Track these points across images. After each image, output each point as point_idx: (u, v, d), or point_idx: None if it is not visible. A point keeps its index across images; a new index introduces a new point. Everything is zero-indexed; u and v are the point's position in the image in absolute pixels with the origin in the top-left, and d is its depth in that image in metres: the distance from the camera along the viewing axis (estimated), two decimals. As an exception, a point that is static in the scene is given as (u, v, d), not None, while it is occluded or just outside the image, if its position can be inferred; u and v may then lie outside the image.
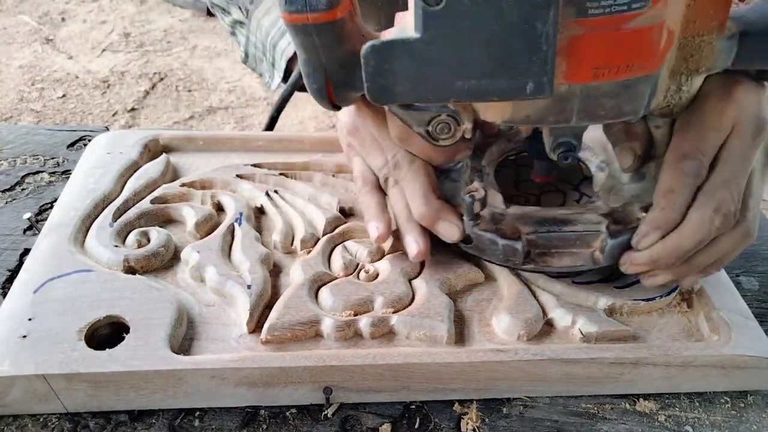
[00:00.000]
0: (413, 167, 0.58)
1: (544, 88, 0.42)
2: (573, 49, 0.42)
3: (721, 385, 0.55)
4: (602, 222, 0.55)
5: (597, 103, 0.45)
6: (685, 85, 0.49)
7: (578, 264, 0.55)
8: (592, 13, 0.40)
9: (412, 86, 0.44)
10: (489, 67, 0.41)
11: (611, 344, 0.53)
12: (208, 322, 0.53)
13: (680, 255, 0.51)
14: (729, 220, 0.50)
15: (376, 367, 0.50)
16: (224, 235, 0.60)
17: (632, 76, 0.44)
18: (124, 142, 0.71)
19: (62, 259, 0.56)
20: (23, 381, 0.47)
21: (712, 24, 0.45)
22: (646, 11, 0.40)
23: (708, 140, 0.51)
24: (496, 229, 0.55)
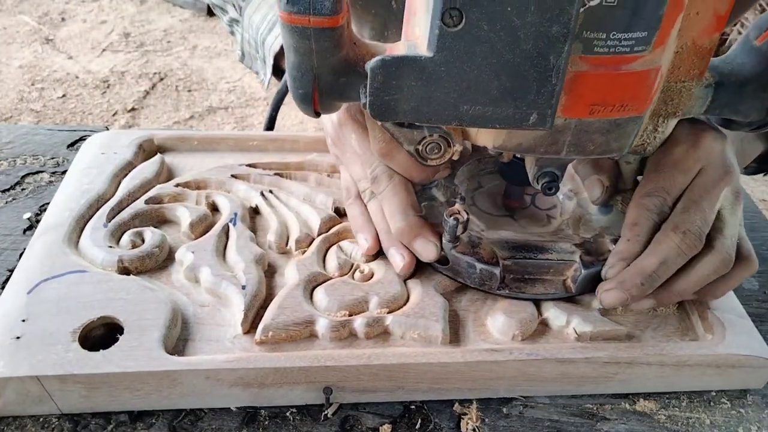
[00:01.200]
0: (392, 182, 0.57)
1: (546, 121, 0.42)
2: (575, 84, 0.43)
3: (716, 385, 0.56)
4: (576, 252, 0.56)
5: (588, 138, 0.46)
6: (661, 126, 0.51)
7: (550, 292, 0.56)
8: (597, 51, 0.41)
9: (416, 106, 0.44)
10: (496, 94, 0.42)
11: (606, 344, 0.53)
12: (203, 323, 0.53)
13: (645, 275, 0.52)
14: (691, 238, 0.51)
15: (370, 367, 0.50)
16: (219, 235, 0.60)
17: (624, 116, 0.45)
18: (118, 142, 0.71)
19: (56, 259, 0.56)
20: (17, 382, 0.47)
21: (694, 72, 0.48)
22: (646, 55, 0.42)
23: (674, 181, 0.54)
24: (474, 253, 0.55)
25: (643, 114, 0.46)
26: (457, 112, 0.43)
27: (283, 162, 0.71)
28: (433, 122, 0.45)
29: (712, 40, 0.46)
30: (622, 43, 0.41)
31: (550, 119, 0.42)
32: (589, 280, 0.55)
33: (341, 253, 0.59)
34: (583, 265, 0.55)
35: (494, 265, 0.55)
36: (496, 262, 0.55)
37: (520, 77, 0.41)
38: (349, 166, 0.63)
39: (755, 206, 0.79)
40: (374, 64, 0.42)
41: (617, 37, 0.41)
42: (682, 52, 0.46)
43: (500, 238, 0.58)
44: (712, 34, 0.46)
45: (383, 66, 0.42)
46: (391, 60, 0.42)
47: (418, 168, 0.57)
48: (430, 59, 0.41)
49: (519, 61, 0.40)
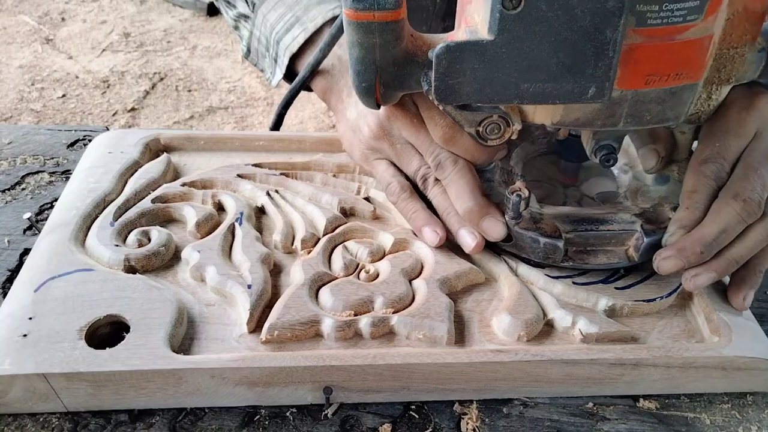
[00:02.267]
0: (458, 166, 0.59)
1: (605, 93, 0.44)
2: (630, 56, 0.44)
3: (721, 387, 0.55)
4: (636, 222, 0.57)
5: (644, 108, 0.47)
6: (715, 94, 0.51)
7: (614, 261, 0.57)
8: (650, 23, 0.42)
9: (480, 87, 0.46)
10: (556, 70, 0.43)
11: (612, 345, 0.53)
12: (209, 322, 0.53)
13: (706, 244, 0.52)
14: (751, 206, 0.52)
15: (375, 367, 0.50)
16: (225, 234, 0.60)
17: (679, 84, 0.46)
18: (125, 141, 0.71)
19: (63, 258, 0.56)
20: (23, 380, 0.47)
21: (746, 37, 0.48)
22: (698, 23, 0.43)
23: (730, 146, 0.54)
24: (537, 228, 0.57)
25: (699, 81, 0.47)
26: (518, 91, 0.45)
27: (289, 162, 0.71)
28: (495, 102, 0.47)
29: (764, 4, 0.46)
30: (675, 13, 0.42)
31: (608, 91, 0.44)
32: (651, 248, 0.56)
33: (347, 253, 0.60)
34: (645, 233, 0.56)
35: (557, 239, 0.56)
36: (559, 235, 0.56)
37: (578, 53, 0.42)
38: (401, 158, 0.64)
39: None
40: (439, 51, 0.44)
41: (670, 7, 0.42)
42: (734, 19, 0.46)
43: (560, 213, 0.59)
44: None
45: (448, 51, 0.44)
46: (455, 45, 0.44)
47: (480, 150, 0.59)
48: (491, 42, 0.43)
49: (577, 38, 0.42)
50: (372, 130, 0.65)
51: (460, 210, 0.59)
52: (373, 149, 0.66)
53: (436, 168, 0.60)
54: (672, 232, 0.54)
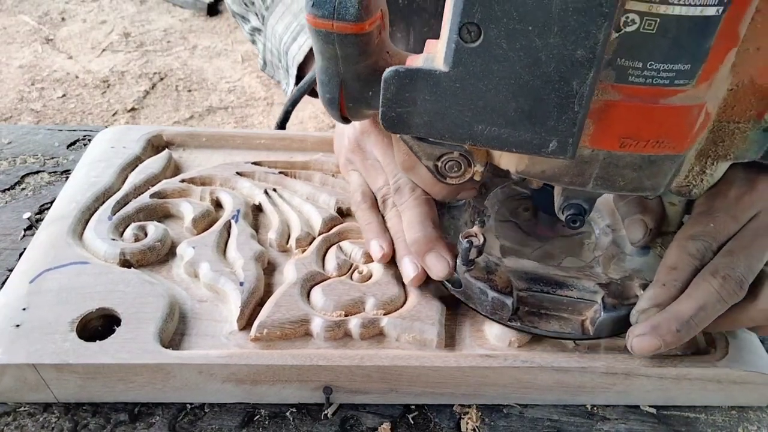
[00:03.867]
0: (414, 194, 0.57)
1: (567, 150, 0.40)
2: (604, 113, 0.40)
3: (717, 400, 0.55)
4: (598, 292, 0.53)
5: (618, 173, 0.43)
6: (710, 169, 0.47)
7: (566, 331, 0.53)
8: (632, 80, 0.38)
9: (429, 121, 0.42)
10: (513, 116, 0.39)
11: (604, 354, 0.53)
12: (200, 318, 0.53)
13: (682, 321, 0.48)
14: (730, 284, 0.48)
15: (363, 368, 0.50)
16: (220, 231, 0.60)
17: (659, 153, 0.42)
18: (128, 136, 0.71)
19: (60, 250, 0.56)
20: (14, 369, 0.47)
21: (750, 113, 0.44)
22: (688, 89, 0.39)
23: (724, 227, 0.50)
24: (489, 280, 0.53)
25: (683, 153, 0.43)
26: (471, 131, 0.41)
27: (289, 161, 0.71)
28: (446, 139, 0.42)
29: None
30: (661, 74, 0.38)
31: (572, 148, 0.40)
32: (609, 324, 0.52)
33: (341, 253, 0.60)
34: (605, 307, 0.51)
35: (507, 295, 0.52)
36: (510, 292, 0.52)
37: (539, 101, 0.38)
38: (369, 175, 0.62)
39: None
40: (387, 75, 0.41)
41: (655, 67, 0.38)
42: (738, 90, 0.42)
43: (520, 268, 0.55)
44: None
45: (396, 77, 0.41)
46: (405, 72, 0.40)
47: (440, 185, 0.54)
48: (445, 74, 0.39)
49: (539, 84, 0.38)
50: (350, 141, 0.64)
51: (408, 239, 0.56)
52: (349, 160, 0.66)
53: (395, 191, 0.59)
54: (643, 308, 0.50)
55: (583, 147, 0.41)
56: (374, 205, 0.62)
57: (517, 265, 0.55)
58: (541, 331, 0.53)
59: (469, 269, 0.53)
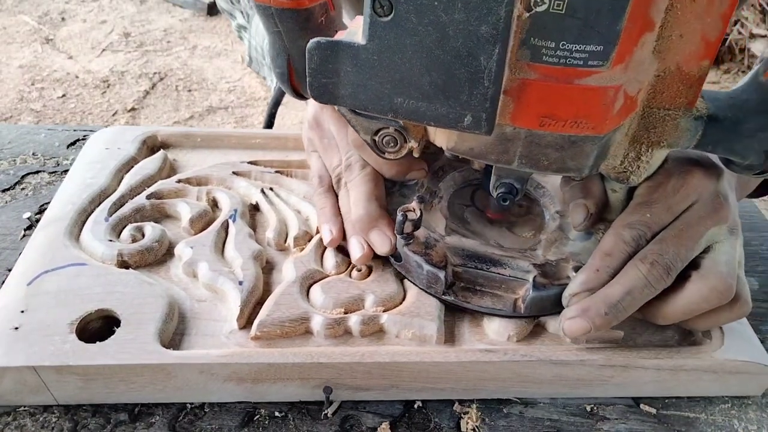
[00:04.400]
0: (363, 172, 0.59)
1: (481, 125, 0.40)
2: (523, 92, 0.41)
3: (713, 390, 0.56)
4: (531, 272, 0.54)
5: (541, 151, 0.44)
6: (645, 156, 0.48)
7: (497, 308, 0.54)
8: (546, 60, 0.39)
9: (353, 92, 0.43)
10: (428, 89, 0.40)
11: (601, 346, 0.54)
12: (199, 318, 0.54)
13: (611, 305, 0.49)
14: (658, 270, 0.49)
15: (364, 365, 0.50)
16: (218, 231, 0.60)
17: (579, 134, 0.42)
18: (123, 137, 0.71)
19: (57, 252, 0.56)
20: (14, 372, 0.47)
21: (680, 100, 0.45)
22: (603, 71, 0.39)
23: (657, 217, 0.51)
24: (425, 254, 0.54)
25: (603, 135, 0.43)
26: (392, 103, 0.42)
27: (285, 160, 0.71)
28: (370, 111, 0.43)
29: (701, 67, 0.43)
30: (574, 54, 0.38)
31: (486, 123, 0.40)
32: (538, 303, 0.53)
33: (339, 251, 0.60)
34: (534, 286, 0.53)
35: (441, 269, 0.53)
36: (444, 266, 0.54)
37: (451, 75, 0.39)
38: (325, 153, 0.64)
39: (755, 206, 0.80)
40: (310, 45, 0.42)
41: (568, 47, 0.38)
42: (665, 77, 0.44)
43: (460, 245, 0.57)
44: (701, 60, 0.43)
45: (318, 48, 0.42)
46: (326, 43, 0.41)
47: (389, 163, 0.58)
48: (363, 47, 0.40)
49: (449, 59, 0.38)
50: (309, 120, 0.65)
51: (353, 216, 0.58)
52: (309, 141, 0.67)
53: (345, 169, 0.60)
54: (574, 291, 0.51)
55: (505, 125, 0.43)
56: (330, 188, 0.63)
57: (458, 243, 0.57)
58: (473, 306, 0.55)
59: (408, 243, 0.55)
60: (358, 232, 0.58)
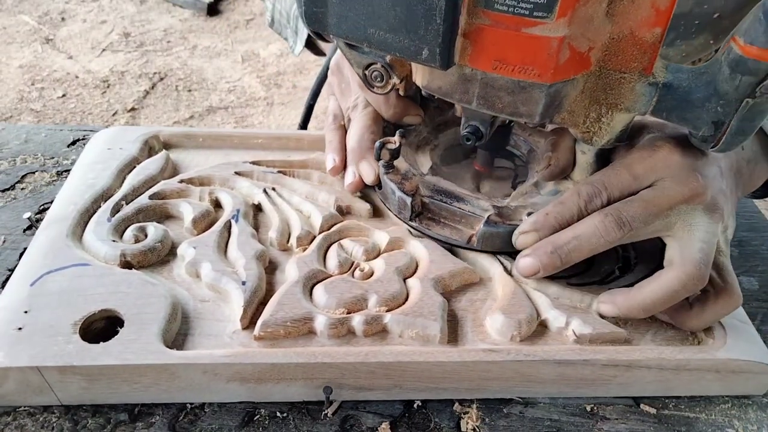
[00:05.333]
0: (365, 111, 0.66)
1: (435, 59, 0.45)
2: (478, 36, 0.46)
3: (715, 390, 0.56)
4: (488, 211, 0.59)
5: (495, 94, 0.49)
6: (605, 117, 0.52)
7: (453, 238, 0.60)
8: (497, 8, 0.44)
9: (337, 21, 0.48)
10: (393, 23, 0.45)
11: (604, 346, 0.54)
12: (203, 318, 0.54)
13: (557, 245, 0.53)
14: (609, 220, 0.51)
15: (367, 365, 0.50)
16: (221, 231, 0.60)
17: (527, 80, 0.47)
18: (124, 138, 0.71)
19: (60, 252, 0.56)
20: (17, 372, 0.47)
21: (635, 65, 0.49)
22: (547, 22, 0.43)
23: (618, 178, 0.54)
24: (400, 183, 0.61)
25: (552, 84, 0.47)
26: (365, 34, 0.47)
27: (287, 160, 0.71)
28: (350, 39, 0.49)
29: (653, 34, 0.46)
30: (521, 4, 0.43)
31: (440, 59, 0.45)
32: (489, 239, 0.58)
33: (342, 251, 0.60)
34: (487, 222, 0.58)
35: (410, 196, 0.60)
36: (414, 194, 0.60)
37: (410, 11, 0.44)
38: (342, 94, 0.70)
39: (755, 206, 0.80)
40: None
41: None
42: (620, 40, 0.47)
43: (435, 183, 0.63)
44: (653, 27, 0.46)
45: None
46: None
47: (386, 104, 0.65)
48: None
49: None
50: (331, 66, 0.71)
51: (348, 147, 0.65)
52: (329, 85, 0.73)
53: (352, 108, 0.67)
54: (523, 230, 0.56)
55: (465, 66, 0.48)
56: (341, 126, 0.70)
57: (435, 181, 0.63)
58: (433, 234, 0.61)
59: (388, 172, 0.63)
60: (351, 161, 0.65)
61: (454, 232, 0.60)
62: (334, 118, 0.70)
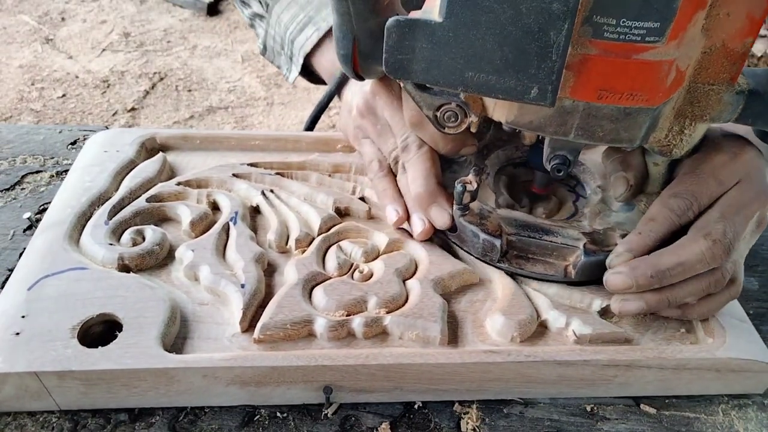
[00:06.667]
0: (420, 151, 0.61)
1: (547, 97, 0.43)
2: (583, 66, 0.44)
3: (715, 388, 0.55)
4: (581, 239, 0.57)
5: (597, 123, 0.47)
6: (688, 129, 0.51)
7: (549, 273, 0.58)
8: (607, 36, 0.42)
9: (427, 67, 0.46)
10: (499, 64, 0.43)
11: (605, 346, 0.53)
12: (202, 321, 0.53)
13: (659, 270, 0.51)
14: (718, 248, 0.51)
15: (368, 367, 0.50)
16: (219, 234, 0.60)
17: (633, 105, 0.45)
18: (121, 140, 0.71)
19: (57, 256, 0.56)
20: (15, 378, 0.47)
21: (723, 75, 0.47)
22: (658, 46, 0.42)
23: (707, 188, 0.53)
24: (481, 224, 0.58)
25: (656, 107, 0.46)
26: (462, 78, 0.45)
27: (285, 162, 0.71)
28: (441, 85, 0.47)
29: (744, 44, 0.46)
30: (633, 31, 0.41)
31: (551, 95, 0.43)
32: (589, 268, 0.56)
33: (341, 252, 0.59)
34: (585, 252, 0.56)
35: (497, 237, 0.57)
36: (500, 235, 0.57)
37: (521, 50, 0.42)
38: (380, 138, 0.66)
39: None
40: (390, 23, 0.45)
41: (627, 24, 0.41)
42: (711, 53, 0.46)
43: (511, 216, 0.60)
44: (745, 37, 0.45)
45: (397, 26, 0.45)
46: (405, 21, 0.45)
47: (444, 139, 0.61)
48: (439, 24, 0.43)
49: (521, 35, 0.41)
50: (359, 108, 0.67)
51: (412, 193, 0.61)
52: (359, 128, 0.68)
53: (402, 150, 0.62)
54: (618, 253, 0.54)
55: (565, 98, 0.46)
56: (389, 171, 0.66)
57: (509, 214, 0.61)
58: (526, 272, 0.58)
59: (464, 214, 0.59)
60: (418, 208, 0.61)
61: (547, 267, 0.58)
62: (379, 164, 0.66)
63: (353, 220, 0.64)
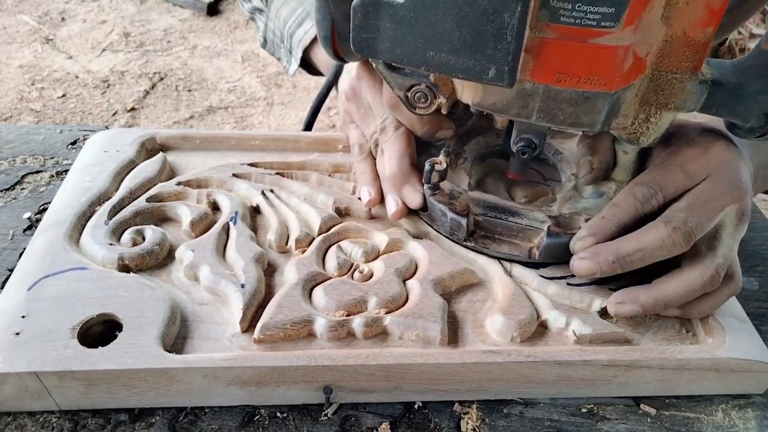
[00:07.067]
0: (397, 132, 0.63)
1: (504, 77, 0.44)
2: (541, 50, 0.45)
3: (715, 388, 0.55)
4: (546, 222, 0.59)
5: (557, 106, 0.49)
6: (654, 117, 0.52)
7: (514, 254, 0.59)
8: (563, 20, 0.43)
9: (391, 46, 0.47)
10: (458, 44, 0.44)
11: (605, 346, 0.53)
12: (202, 321, 0.53)
13: (619, 255, 0.52)
14: (678, 235, 0.51)
15: (368, 367, 0.50)
16: (219, 234, 0.60)
17: (592, 90, 0.46)
18: (121, 140, 0.71)
19: (57, 256, 0.56)
20: (15, 378, 0.47)
21: (686, 65, 0.49)
22: (614, 32, 0.43)
23: (673, 179, 0.54)
24: (450, 203, 0.60)
25: (615, 92, 0.47)
26: (424, 57, 0.46)
27: (285, 162, 0.71)
28: (405, 64, 0.48)
29: (705, 33, 0.47)
30: (588, 15, 0.42)
31: (508, 76, 0.44)
32: (552, 250, 0.57)
33: (341, 252, 0.59)
34: (549, 234, 0.57)
35: (463, 217, 0.59)
36: (467, 214, 0.59)
37: (478, 31, 0.43)
38: (363, 121, 0.67)
39: (755, 206, 0.79)
40: (355, 3, 0.46)
41: (583, 9, 0.42)
42: (673, 42, 0.48)
43: (481, 198, 0.61)
44: (705, 27, 0.47)
45: (362, 5, 0.46)
46: (369, 1, 0.46)
47: (420, 121, 0.62)
48: (401, 4, 0.45)
49: (477, 16, 0.42)
50: (346, 92, 0.68)
51: (386, 174, 0.62)
52: (347, 113, 0.70)
53: (380, 131, 0.63)
54: (580, 236, 0.55)
55: (525, 80, 0.47)
56: (369, 155, 0.68)
57: (480, 196, 0.62)
58: (491, 252, 0.60)
59: (434, 193, 0.61)
60: (392, 188, 0.62)
61: (512, 248, 0.59)
62: (360, 148, 0.68)
63: (353, 220, 0.64)
